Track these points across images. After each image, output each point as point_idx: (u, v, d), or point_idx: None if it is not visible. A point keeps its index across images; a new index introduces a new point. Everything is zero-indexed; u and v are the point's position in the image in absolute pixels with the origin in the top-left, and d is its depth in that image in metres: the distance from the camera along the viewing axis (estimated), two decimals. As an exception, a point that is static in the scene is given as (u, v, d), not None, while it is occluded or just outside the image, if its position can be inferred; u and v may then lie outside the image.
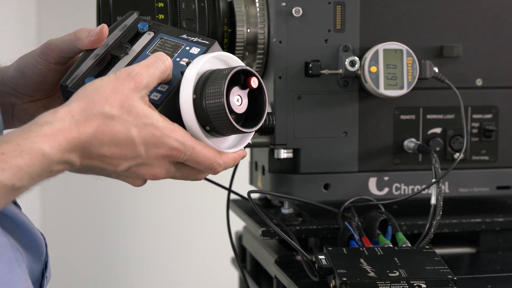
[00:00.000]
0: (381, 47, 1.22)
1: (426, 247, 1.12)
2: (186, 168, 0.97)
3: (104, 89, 0.91)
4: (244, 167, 1.40)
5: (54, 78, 1.08)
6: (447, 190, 1.30)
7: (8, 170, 0.82)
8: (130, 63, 1.02)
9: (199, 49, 1.02)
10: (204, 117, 0.95)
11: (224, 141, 1.01)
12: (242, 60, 1.29)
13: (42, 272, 1.02)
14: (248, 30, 1.26)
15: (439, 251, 1.10)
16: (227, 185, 1.35)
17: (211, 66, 0.99)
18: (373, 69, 1.22)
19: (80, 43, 1.02)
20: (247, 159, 1.36)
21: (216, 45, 1.03)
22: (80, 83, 0.99)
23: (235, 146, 1.01)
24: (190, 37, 1.04)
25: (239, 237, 1.52)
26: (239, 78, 0.97)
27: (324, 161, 1.26)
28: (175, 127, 0.94)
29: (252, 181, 1.43)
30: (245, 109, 0.98)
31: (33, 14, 2.61)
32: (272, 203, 1.42)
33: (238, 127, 0.96)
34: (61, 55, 1.05)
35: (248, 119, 1.00)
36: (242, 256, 1.51)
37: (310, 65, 1.23)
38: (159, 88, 0.98)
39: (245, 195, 1.17)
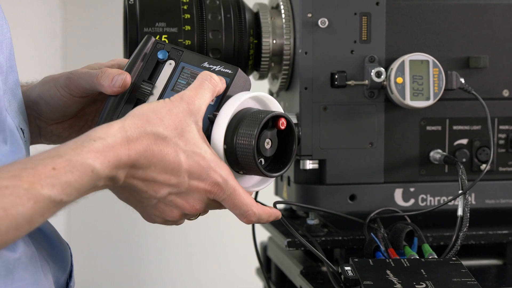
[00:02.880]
0: (407, 58, 1.22)
1: (453, 258, 1.11)
2: (222, 207, 0.97)
3: (159, 110, 0.92)
4: (269, 178, 1.40)
5: (78, 107, 1.08)
6: (473, 202, 1.29)
7: (58, 186, 0.83)
8: None
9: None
10: (235, 161, 0.96)
11: (249, 179, 1.02)
12: (268, 70, 1.29)
13: (66, 281, 1.03)
14: (274, 41, 1.26)
15: (465, 262, 1.10)
16: (253, 196, 1.35)
17: (241, 106, 0.99)
18: (399, 80, 1.22)
19: (102, 89, 1.02)
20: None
21: (240, 73, 1.01)
22: None
23: (260, 183, 1.02)
24: (212, 66, 1.01)
25: (264, 248, 1.52)
26: (269, 120, 0.98)
27: (350, 172, 1.26)
28: (221, 163, 0.94)
29: (277, 192, 1.43)
30: (274, 151, 0.99)
31: (59, 26, 2.63)
32: (297, 213, 1.42)
33: (265, 172, 0.97)
34: (84, 92, 1.05)
35: (277, 158, 1.00)
36: (267, 267, 1.50)
37: (336, 76, 1.23)
38: None
39: (271, 205, 1.17)
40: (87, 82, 1.03)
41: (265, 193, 1.40)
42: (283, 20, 1.26)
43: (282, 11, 1.26)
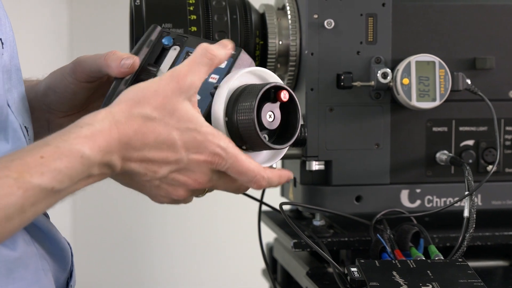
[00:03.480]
0: (413, 59, 1.22)
1: (459, 260, 1.11)
2: (228, 177, 0.95)
3: (146, 91, 0.90)
4: (275, 178, 1.40)
5: (85, 94, 1.07)
6: (480, 203, 1.29)
7: (47, 173, 0.83)
8: None
9: (226, 61, 0.99)
10: (237, 135, 0.94)
11: (256, 156, 0.99)
12: (274, 71, 1.29)
13: (67, 281, 1.03)
14: (280, 42, 1.26)
15: (472, 264, 1.10)
16: (258, 197, 1.36)
17: (242, 82, 0.98)
18: (405, 81, 1.22)
19: (110, 70, 1.01)
20: (278, 170, 1.36)
21: (243, 53, 1.01)
22: None
23: (268, 160, 1.00)
24: None
25: (270, 249, 1.52)
26: (270, 93, 0.97)
27: (356, 173, 1.26)
28: (219, 133, 0.92)
29: (283, 193, 1.43)
30: (278, 124, 0.97)
31: (65, 26, 2.64)
32: (303, 215, 1.42)
33: (269, 144, 0.95)
34: (90, 75, 1.04)
35: (281, 133, 0.99)
36: (273, 268, 1.51)
37: (342, 77, 1.23)
38: None
39: (277, 207, 1.17)
40: (93, 65, 1.02)
41: (271, 194, 1.40)
42: (289, 21, 1.26)
43: (288, 12, 1.26)
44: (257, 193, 1.36)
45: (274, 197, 1.38)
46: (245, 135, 0.95)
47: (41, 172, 0.82)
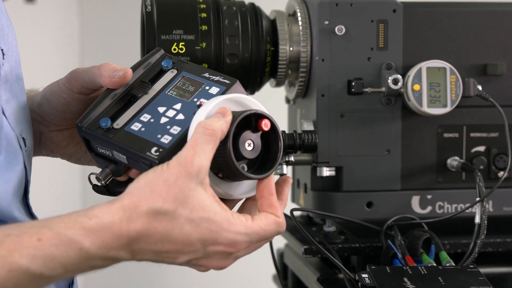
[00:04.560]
0: (424, 65, 1.22)
1: (471, 266, 1.11)
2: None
3: (156, 182, 0.86)
4: (286, 184, 1.40)
5: (78, 107, 1.06)
6: (491, 209, 1.29)
7: (39, 258, 0.80)
8: (148, 103, 0.99)
9: (218, 89, 0.99)
10: (214, 163, 0.91)
11: (238, 186, 0.97)
12: (285, 78, 1.29)
13: (69, 284, 1.03)
14: (291, 49, 1.27)
15: (483, 270, 1.09)
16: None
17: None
18: (416, 87, 1.22)
19: (101, 80, 1.00)
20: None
21: (237, 84, 1.00)
22: (95, 123, 0.98)
23: (251, 190, 0.97)
24: (211, 76, 1.01)
25: (281, 255, 1.52)
26: (251, 121, 0.94)
27: (367, 179, 1.26)
28: (234, 217, 0.88)
29: (294, 199, 1.43)
30: (258, 153, 0.95)
31: (76, 31, 2.64)
32: (314, 220, 1.42)
33: (246, 174, 0.92)
34: (84, 86, 1.03)
35: (264, 162, 0.96)
36: (283, 274, 1.50)
37: (353, 83, 1.23)
38: (171, 130, 0.95)
39: (287, 212, 1.17)
40: (87, 75, 1.02)
41: (282, 200, 1.40)
42: (300, 27, 1.26)
43: (299, 18, 1.27)
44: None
45: (285, 203, 1.37)
46: (221, 165, 0.92)
47: (33, 255, 0.80)
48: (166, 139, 0.94)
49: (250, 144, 0.94)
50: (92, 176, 1.02)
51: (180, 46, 1.22)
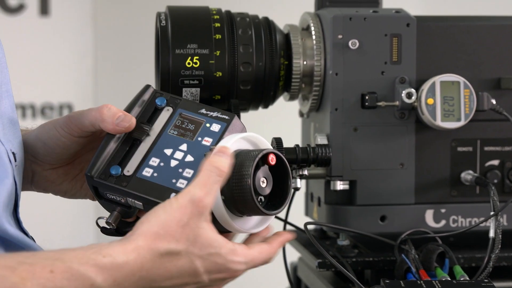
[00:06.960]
0: (438, 79, 1.22)
1: (485, 280, 1.11)
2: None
3: (169, 224, 0.90)
4: (299, 198, 1.41)
5: (76, 148, 1.07)
6: (505, 223, 1.28)
7: None
8: (153, 145, 1.01)
9: (219, 126, 1.02)
10: (231, 200, 0.96)
11: (247, 220, 1.01)
12: (298, 91, 1.30)
13: None
14: (305, 62, 1.27)
15: (498, 284, 1.09)
16: (283, 217, 1.36)
17: (234, 147, 0.99)
18: (430, 101, 1.22)
19: (104, 125, 1.01)
20: (302, 190, 1.36)
21: (236, 119, 1.03)
22: (105, 172, 1.00)
23: (259, 224, 1.02)
24: (209, 112, 1.03)
25: (294, 268, 1.52)
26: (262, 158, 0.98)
27: (381, 193, 1.26)
28: (237, 249, 0.94)
29: (307, 212, 1.43)
30: (270, 189, 0.99)
31: (90, 46, 2.66)
32: (327, 234, 1.41)
33: (264, 210, 0.97)
34: (84, 130, 1.04)
35: (272, 197, 1.00)
36: (297, 287, 1.50)
37: (367, 97, 1.23)
38: (184, 173, 0.98)
39: (301, 226, 1.17)
40: (87, 119, 1.02)
41: (296, 214, 1.40)
42: (314, 42, 1.27)
43: (313, 32, 1.27)
44: (281, 213, 1.36)
45: (298, 217, 1.38)
46: (240, 202, 0.96)
47: (43, 286, 0.82)
48: (181, 184, 0.97)
49: (264, 181, 0.98)
50: (101, 220, 1.04)
51: (195, 60, 1.22)
